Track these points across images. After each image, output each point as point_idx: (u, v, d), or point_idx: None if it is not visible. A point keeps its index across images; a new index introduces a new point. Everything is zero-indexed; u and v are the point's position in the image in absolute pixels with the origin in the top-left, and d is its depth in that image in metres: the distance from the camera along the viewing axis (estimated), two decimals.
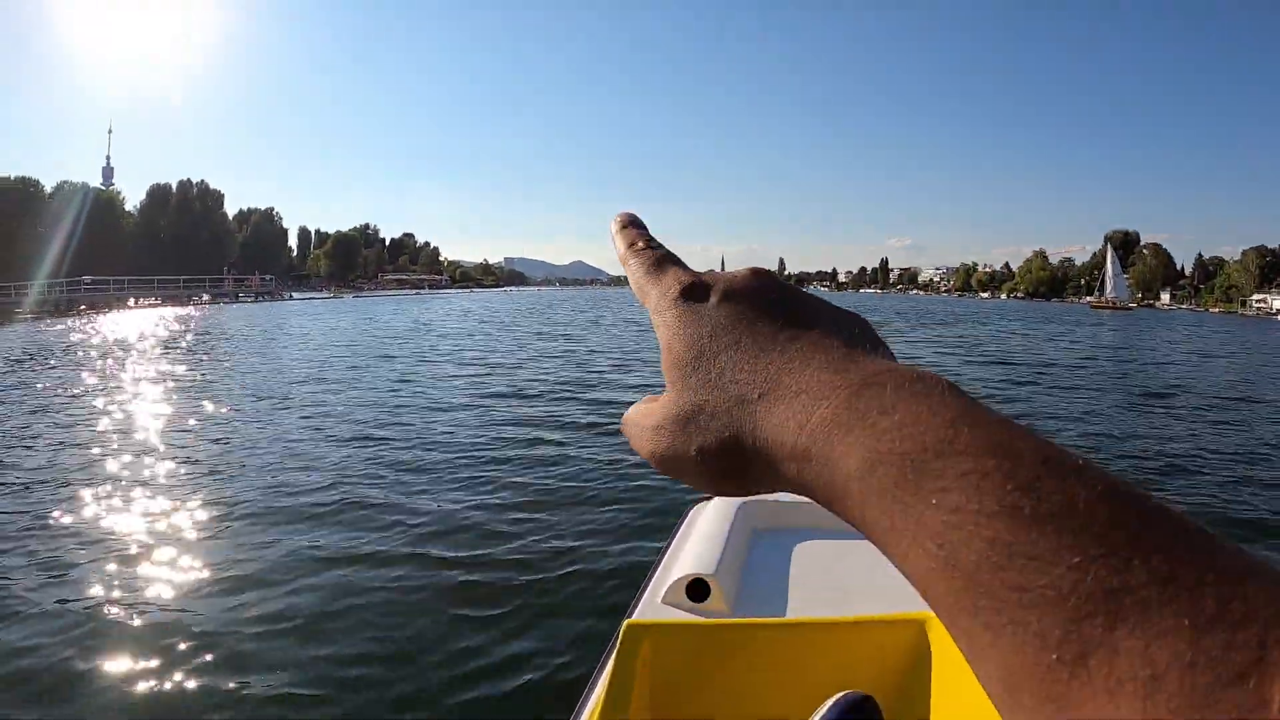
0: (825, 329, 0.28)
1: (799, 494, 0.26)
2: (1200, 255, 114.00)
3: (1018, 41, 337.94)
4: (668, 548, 1.79)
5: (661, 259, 0.34)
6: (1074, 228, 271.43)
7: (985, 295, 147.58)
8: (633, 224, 0.37)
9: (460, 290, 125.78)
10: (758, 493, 0.28)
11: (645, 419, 0.31)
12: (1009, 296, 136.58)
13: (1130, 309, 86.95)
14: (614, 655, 1.05)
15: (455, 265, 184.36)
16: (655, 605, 1.52)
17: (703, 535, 1.74)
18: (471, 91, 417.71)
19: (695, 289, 0.31)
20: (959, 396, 0.23)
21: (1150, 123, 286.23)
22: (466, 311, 42.73)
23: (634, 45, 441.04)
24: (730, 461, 0.27)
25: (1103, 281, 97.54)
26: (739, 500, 1.85)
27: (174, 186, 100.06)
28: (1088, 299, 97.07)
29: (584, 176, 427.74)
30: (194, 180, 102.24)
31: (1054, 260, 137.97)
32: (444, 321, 31.28)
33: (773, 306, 0.29)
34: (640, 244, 0.35)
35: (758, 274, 0.31)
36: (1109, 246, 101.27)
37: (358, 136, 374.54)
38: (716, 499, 1.90)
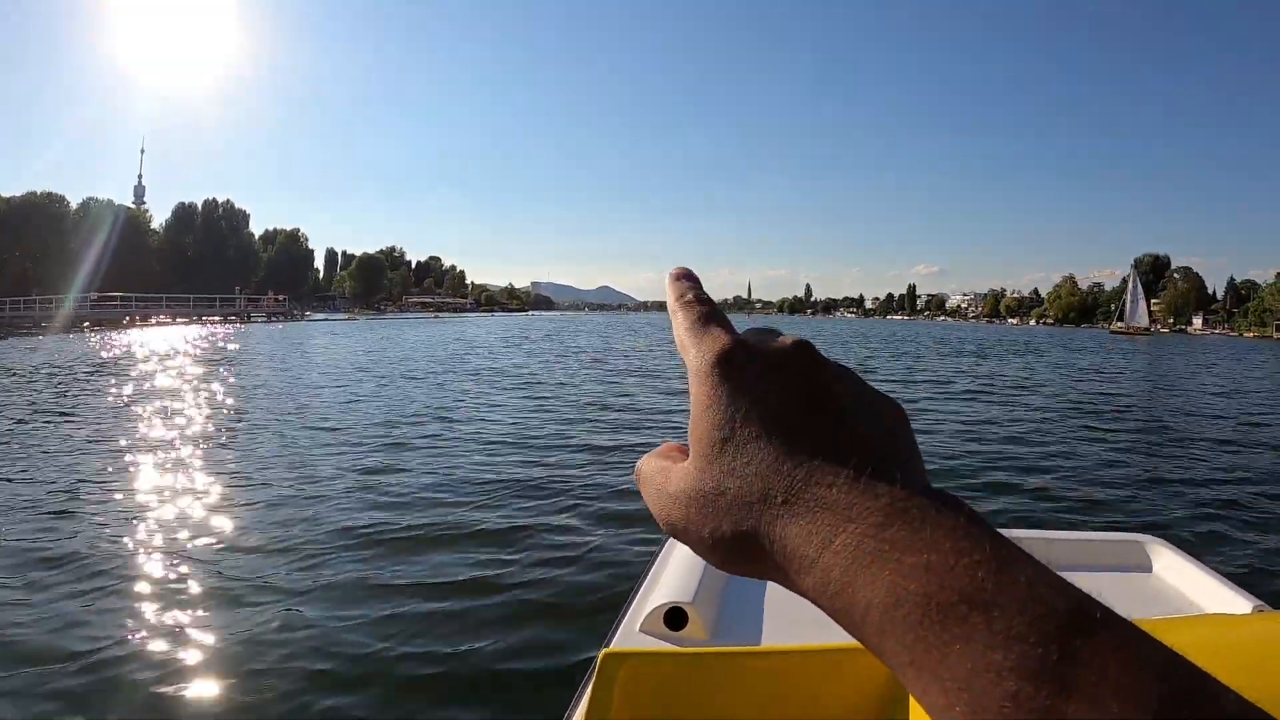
0: (858, 428, 0.28)
1: (811, 602, 0.26)
2: (1232, 278, 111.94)
3: (1046, 64, 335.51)
4: (645, 576, 1.79)
5: (707, 316, 0.33)
6: (1104, 252, 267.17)
7: (1014, 321, 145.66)
8: (686, 278, 0.36)
9: (481, 315, 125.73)
10: (762, 578, 0.28)
11: (663, 480, 0.31)
12: (1038, 323, 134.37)
13: (1149, 334, 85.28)
14: (591, 685, 1.05)
15: (481, 289, 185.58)
16: (633, 634, 1.51)
17: (681, 563, 1.74)
18: (502, 117, 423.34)
19: (733, 357, 0.30)
20: (984, 533, 0.24)
21: (1180, 146, 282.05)
22: (459, 337, 42.06)
23: (663, 70, 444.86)
24: (741, 551, 0.28)
25: (1123, 308, 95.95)
26: None
27: (199, 206, 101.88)
28: (1117, 324, 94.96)
29: (613, 202, 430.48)
30: (219, 200, 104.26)
31: (1083, 286, 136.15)
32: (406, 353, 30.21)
33: (809, 395, 0.29)
34: (689, 296, 0.34)
35: (799, 351, 0.30)
36: (1134, 271, 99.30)
37: (388, 161, 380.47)
38: None
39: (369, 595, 4.38)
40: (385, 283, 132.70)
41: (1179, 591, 1.71)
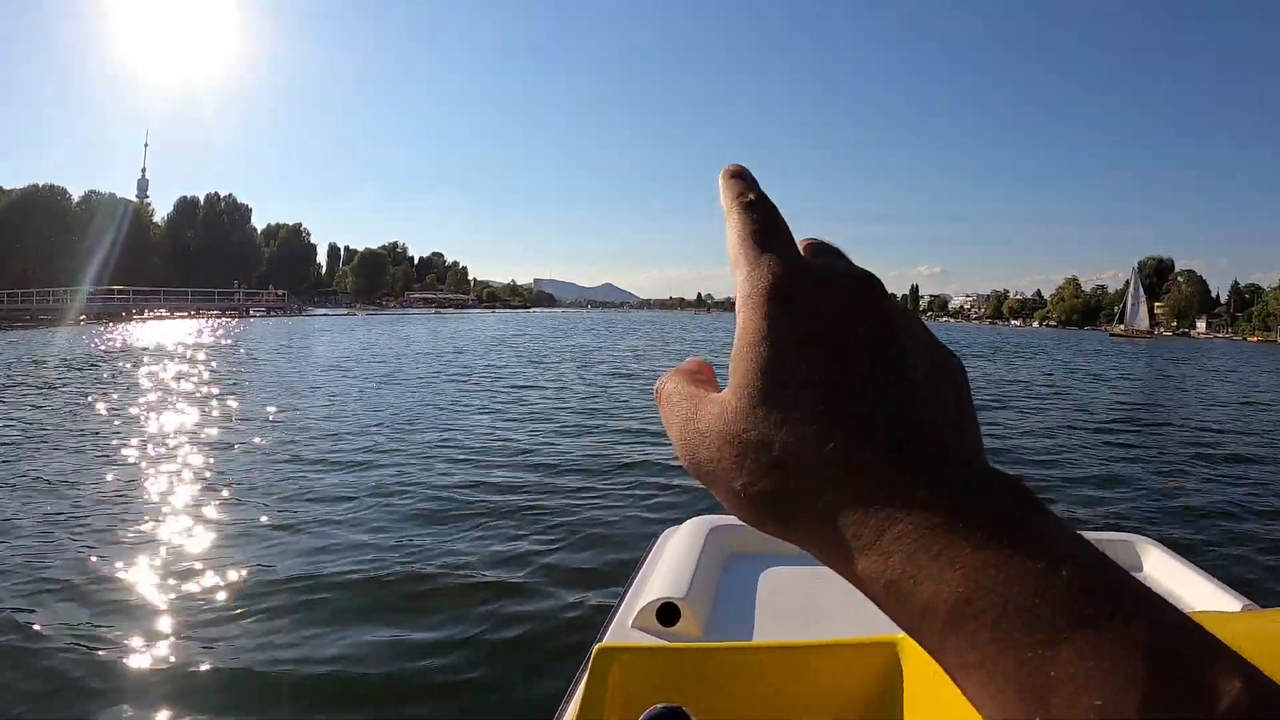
0: (925, 388, 0.25)
1: (854, 585, 0.23)
2: (1236, 282, 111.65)
3: (1048, 63, 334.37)
4: (638, 572, 1.80)
5: (765, 227, 0.28)
6: (1107, 253, 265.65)
7: (1017, 323, 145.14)
8: (741, 176, 0.30)
9: (482, 311, 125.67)
10: (795, 544, 0.25)
11: (691, 409, 0.27)
12: (1041, 324, 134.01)
13: (1149, 337, 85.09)
14: (584, 679, 1.05)
15: (484, 285, 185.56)
16: (625, 630, 1.51)
17: (673, 559, 1.74)
18: (505, 115, 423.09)
19: (794, 286, 0.26)
20: (1060, 526, 0.21)
21: (1183, 147, 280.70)
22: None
23: (662, 70, 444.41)
24: (777, 514, 0.24)
25: (1124, 310, 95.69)
26: (710, 524, 1.91)
27: (201, 200, 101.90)
28: (1117, 327, 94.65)
29: (615, 201, 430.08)
30: (221, 194, 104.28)
31: (1087, 288, 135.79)
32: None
33: (874, 341, 0.25)
34: (750, 197, 0.29)
35: (866, 286, 0.26)
36: (1136, 274, 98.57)
37: (392, 157, 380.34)
38: (689, 523, 1.96)
39: (355, 596, 4.32)
40: (387, 278, 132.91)
41: (1169, 591, 1.70)
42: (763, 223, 0.28)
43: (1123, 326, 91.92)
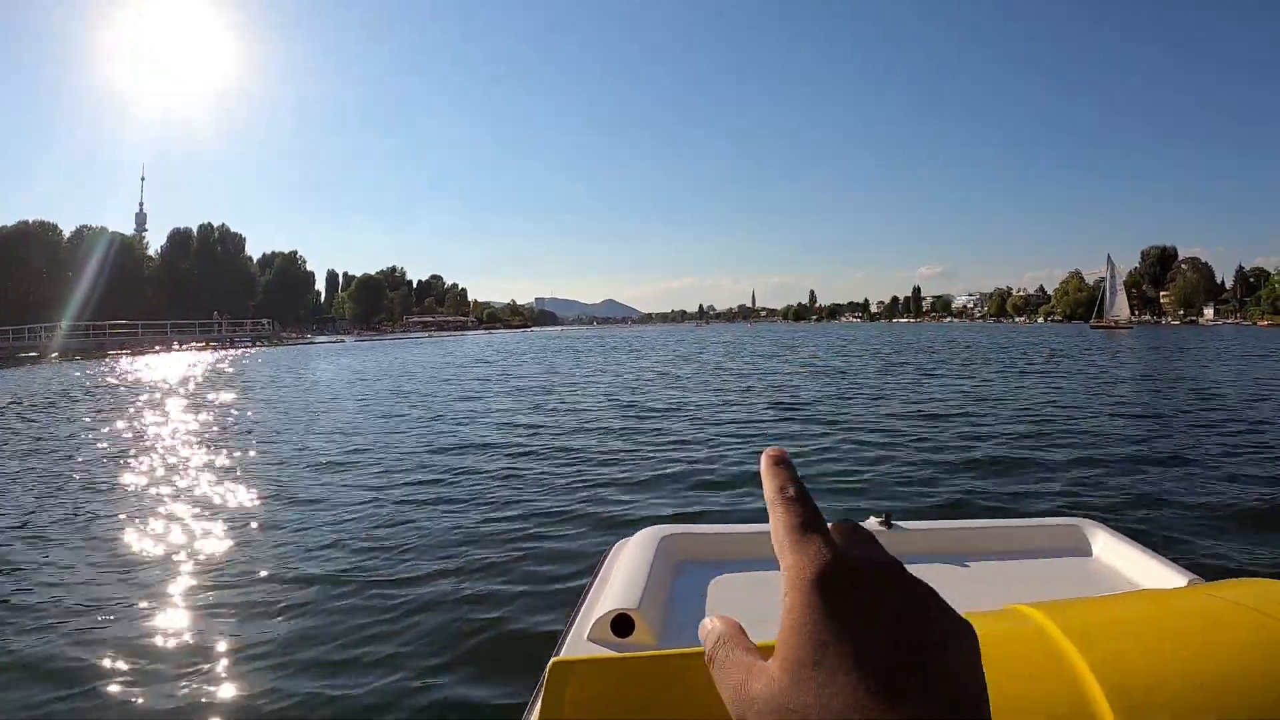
0: (951, 665, 0.29)
1: None
2: (1240, 266, 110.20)
3: (1046, 58, 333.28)
4: (591, 585, 1.74)
5: (808, 521, 0.33)
6: (1108, 247, 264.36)
7: (1020, 320, 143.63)
8: (784, 464, 0.36)
9: (481, 333, 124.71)
10: None
11: (742, 678, 0.32)
12: (1046, 320, 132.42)
13: (1130, 328, 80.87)
14: (541, 695, 1.02)
15: (484, 306, 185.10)
16: (581, 643, 1.45)
17: (626, 570, 1.69)
18: (503, 133, 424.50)
19: (833, 578, 0.31)
20: None
21: (1178, 137, 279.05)
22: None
23: (660, 78, 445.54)
24: None
25: (1101, 300, 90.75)
26: (661, 533, 1.89)
27: (194, 231, 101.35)
28: (1094, 319, 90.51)
29: (611, 214, 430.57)
30: (214, 224, 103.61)
31: (1090, 281, 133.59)
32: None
33: (900, 634, 0.29)
34: (792, 493, 0.35)
35: (890, 576, 0.31)
36: (1110, 263, 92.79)
37: (389, 182, 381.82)
38: (640, 533, 1.91)
39: (304, 614, 4.24)
40: (385, 303, 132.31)
41: (1117, 571, 1.71)
42: (805, 517, 0.34)
43: (1102, 318, 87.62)
